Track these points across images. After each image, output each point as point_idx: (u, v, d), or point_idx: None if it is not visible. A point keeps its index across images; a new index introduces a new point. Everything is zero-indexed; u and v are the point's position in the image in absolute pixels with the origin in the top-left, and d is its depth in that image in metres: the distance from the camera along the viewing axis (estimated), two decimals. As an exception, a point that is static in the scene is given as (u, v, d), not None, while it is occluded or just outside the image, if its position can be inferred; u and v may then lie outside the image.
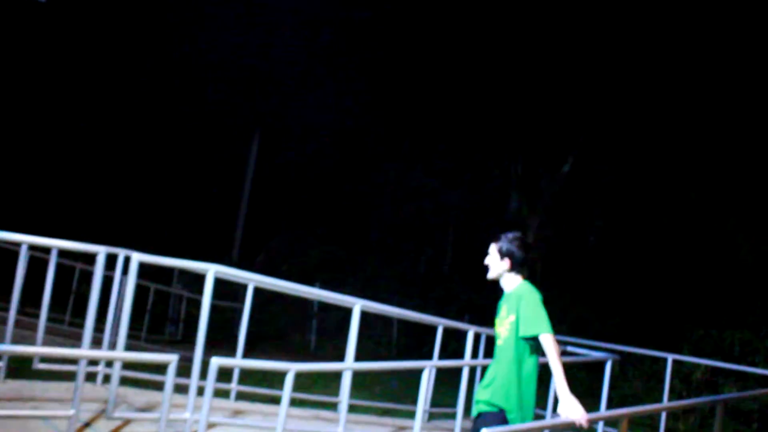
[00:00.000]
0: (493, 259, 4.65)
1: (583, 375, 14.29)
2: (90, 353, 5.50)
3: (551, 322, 4.46)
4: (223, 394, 8.23)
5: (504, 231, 4.81)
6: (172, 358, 4.85)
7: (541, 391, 4.83)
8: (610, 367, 8.14)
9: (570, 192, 21.76)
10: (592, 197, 21.69)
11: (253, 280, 6.90)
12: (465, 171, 22.91)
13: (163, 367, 7.01)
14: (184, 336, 17.05)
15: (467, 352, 8.61)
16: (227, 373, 8.02)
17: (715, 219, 18.73)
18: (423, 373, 6.38)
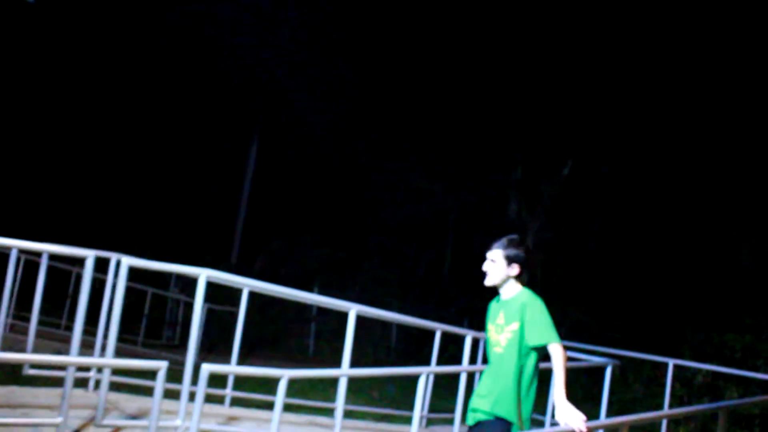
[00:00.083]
0: (498, 266, 4.47)
1: (582, 380, 14.19)
2: (78, 360, 5.38)
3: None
4: (218, 400, 8.12)
5: (503, 235, 4.66)
6: (161, 365, 4.74)
7: (542, 397, 4.73)
8: (610, 372, 8.03)
9: (570, 195, 21.67)
10: (592, 200, 21.58)
11: (246, 284, 6.79)
12: (464, 174, 22.81)
13: (149, 373, 6.91)
14: (181, 340, 16.96)
15: (465, 357, 8.51)
16: (222, 378, 7.91)
17: (716, 222, 18.64)
18: (419, 379, 6.28)
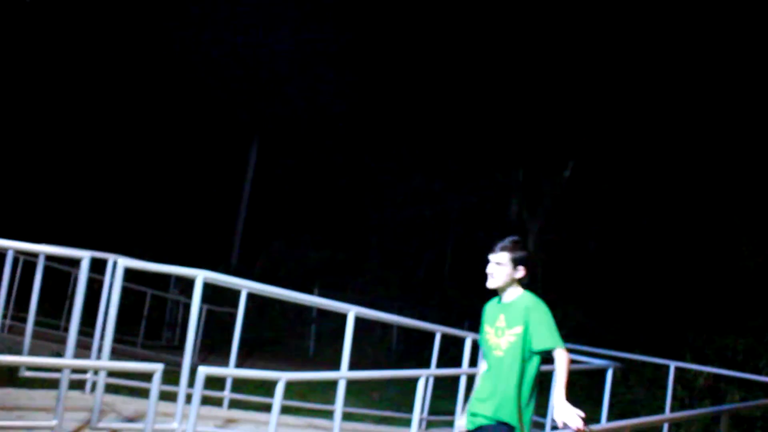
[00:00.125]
0: (505, 269, 4.40)
1: (584, 381, 14.11)
2: (72, 363, 5.33)
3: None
4: (216, 403, 8.07)
5: (503, 236, 4.60)
6: (157, 368, 4.68)
7: (542, 399, 4.70)
8: (611, 375, 7.96)
9: (571, 197, 21.60)
10: (593, 202, 21.52)
11: (244, 286, 6.74)
12: (465, 175, 22.75)
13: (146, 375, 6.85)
14: (181, 341, 16.91)
15: (465, 360, 8.45)
16: (221, 380, 7.86)
17: (717, 223, 18.57)
18: (419, 383, 6.22)
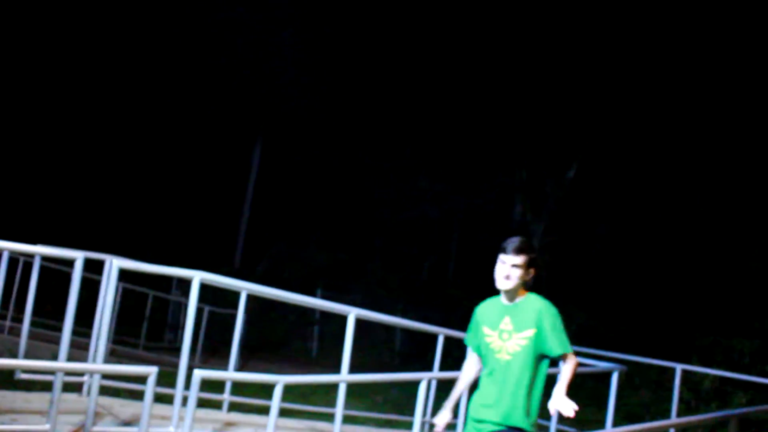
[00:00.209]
0: (521, 271, 4.24)
1: (588, 384, 13.98)
2: (65, 366, 5.22)
3: None
4: (215, 405, 7.97)
5: (507, 237, 4.47)
6: (151, 371, 4.58)
7: (544, 401, 4.61)
8: (617, 378, 7.82)
9: (575, 198, 21.47)
10: (597, 203, 21.38)
11: (242, 287, 6.63)
12: (469, 176, 22.63)
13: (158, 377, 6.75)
14: (183, 343, 16.82)
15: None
16: (221, 383, 7.77)
17: (723, 225, 18.45)
18: (420, 385, 6.11)
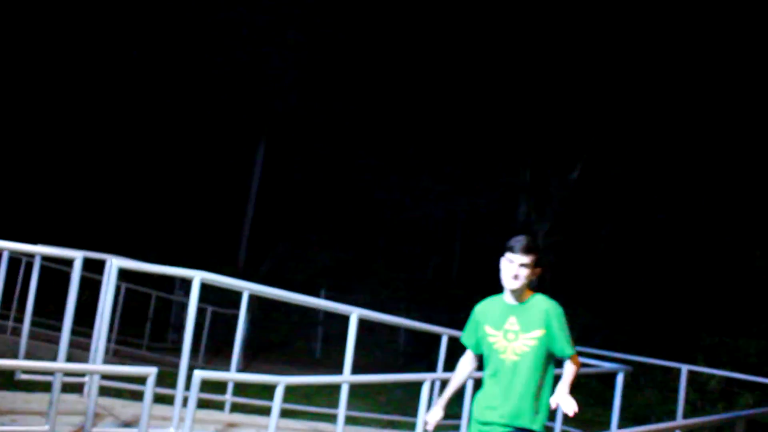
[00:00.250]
0: (529, 270, 4.19)
1: (593, 385, 13.92)
2: (63, 366, 5.18)
3: None
4: (217, 406, 7.92)
5: (511, 237, 4.40)
6: (150, 371, 4.53)
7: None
8: (622, 379, 7.74)
9: (579, 198, 21.38)
10: (602, 203, 21.29)
11: (244, 287, 6.57)
12: (473, 177, 22.55)
13: (158, 377, 6.69)
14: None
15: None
16: (222, 384, 7.72)
17: (729, 224, 18.35)
18: (423, 387, 6.05)
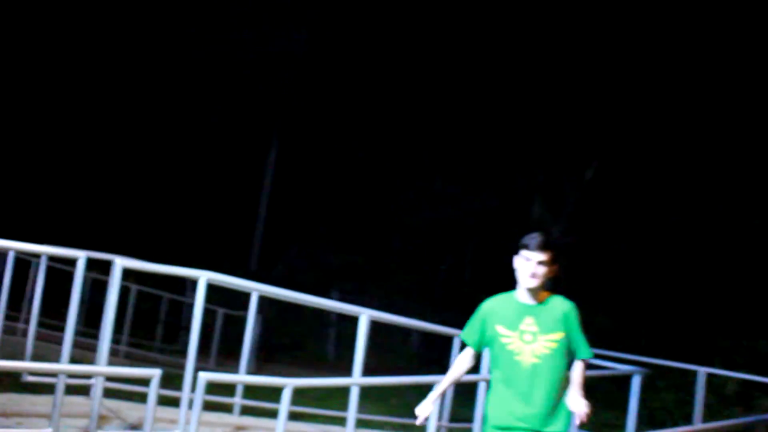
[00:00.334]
0: (546, 268, 3.99)
1: (608, 387, 13.72)
2: (67, 368, 5.10)
3: None
4: (227, 409, 7.85)
5: (525, 234, 4.25)
6: (154, 373, 4.45)
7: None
8: (639, 382, 7.57)
9: (594, 199, 21.22)
10: (617, 203, 21.11)
11: (252, 288, 6.48)
12: (486, 177, 22.43)
13: (167, 379, 6.61)
14: (199, 346, 16.71)
15: (484, 366, 8.13)
16: (230, 387, 7.66)
17: (746, 226, 18.14)
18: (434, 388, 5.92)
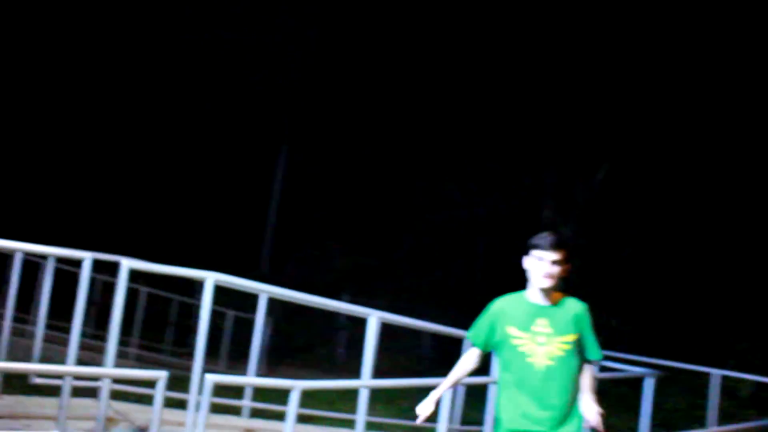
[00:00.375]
0: (560, 267, 3.90)
1: (620, 390, 13.62)
2: (74, 370, 5.07)
3: None
4: (235, 412, 7.83)
5: (536, 234, 4.17)
6: (160, 375, 4.41)
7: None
8: (650, 384, 7.47)
9: (605, 200, 21.12)
10: (628, 204, 20.99)
11: (261, 289, 6.45)
12: (496, 179, 22.36)
13: (170, 382, 6.56)
14: (210, 349, 16.70)
15: (494, 368, 8.07)
16: (239, 389, 7.64)
17: (761, 225, 18.02)
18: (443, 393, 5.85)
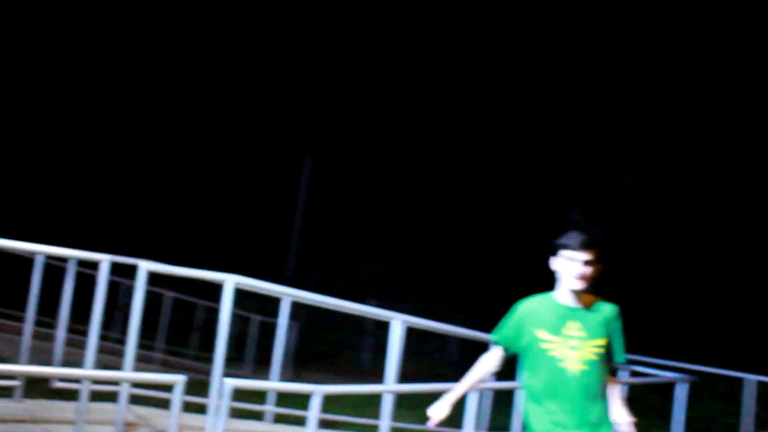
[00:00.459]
0: (592, 267, 3.73)
1: (649, 396, 13.38)
2: (91, 374, 5.00)
3: None
4: (258, 417, 7.77)
5: (563, 235, 3.99)
6: (178, 379, 4.32)
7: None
8: (683, 390, 7.26)
9: (633, 203, 20.89)
10: (657, 207, 20.74)
11: (283, 293, 6.35)
12: (523, 183, 22.20)
13: (194, 387, 6.50)
14: (236, 353, 16.69)
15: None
16: (261, 394, 7.57)
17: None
18: (468, 397, 5.73)
